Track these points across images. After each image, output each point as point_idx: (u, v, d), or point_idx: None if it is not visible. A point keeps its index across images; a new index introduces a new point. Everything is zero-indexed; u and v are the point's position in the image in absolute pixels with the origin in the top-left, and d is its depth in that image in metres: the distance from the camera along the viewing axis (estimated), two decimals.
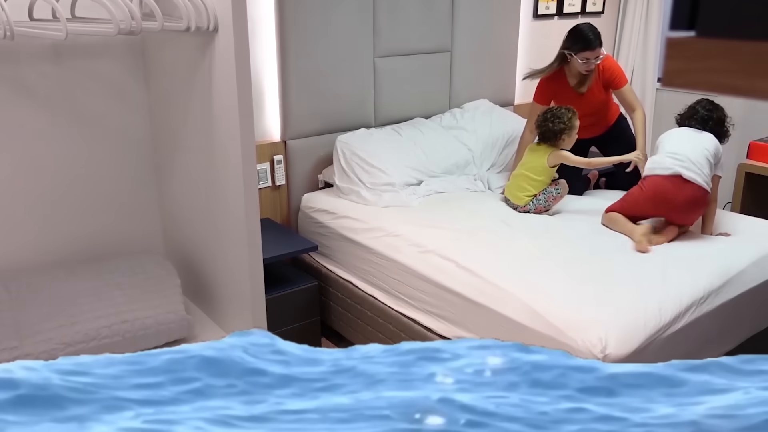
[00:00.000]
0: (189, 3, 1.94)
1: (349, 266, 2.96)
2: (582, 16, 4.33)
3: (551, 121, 2.96)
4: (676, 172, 2.61)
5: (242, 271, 2.18)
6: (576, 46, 3.14)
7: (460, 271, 2.47)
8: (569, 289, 2.26)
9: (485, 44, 3.78)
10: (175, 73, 2.32)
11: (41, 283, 2.16)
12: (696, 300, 2.26)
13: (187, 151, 2.36)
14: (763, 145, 3.72)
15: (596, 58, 3.14)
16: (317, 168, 3.29)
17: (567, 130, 2.95)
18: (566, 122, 2.94)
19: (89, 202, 2.49)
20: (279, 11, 3.02)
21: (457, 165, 3.33)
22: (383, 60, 3.39)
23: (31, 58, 2.26)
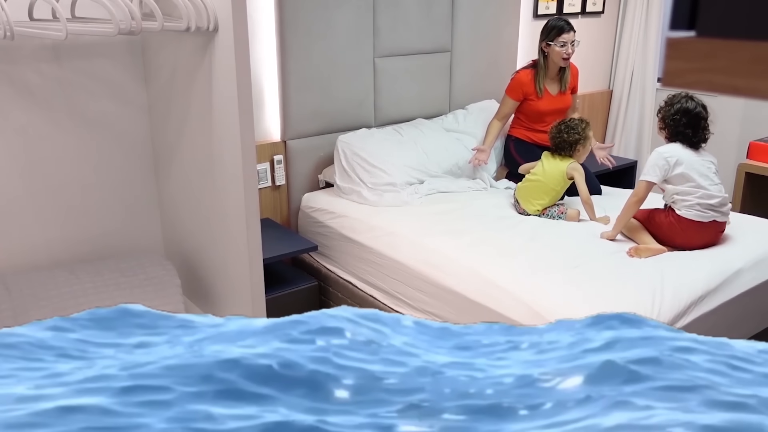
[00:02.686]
0: (189, 3, 1.94)
1: (349, 266, 2.96)
2: (582, 16, 4.33)
3: (566, 132, 2.97)
4: (713, 219, 2.57)
5: (242, 271, 2.18)
6: (551, 33, 3.27)
7: (460, 271, 2.47)
8: (569, 289, 2.26)
9: (485, 44, 3.78)
10: (175, 73, 2.32)
11: (41, 283, 2.16)
12: (695, 300, 2.26)
13: (187, 151, 2.36)
14: (763, 145, 3.72)
15: (572, 42, 3.25)
16: (317, 168, 3.29)
17: (582, 141, 2.97)
18: (581, 132, 2.97)
19: (89, 202, 2.49)
20: (279, 11, 3.02)
21: (458, 165, 3.34)
22: (383, 60, 3.39)
23: (31, 58, 2.26)
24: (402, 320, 0.68)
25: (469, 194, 3.21)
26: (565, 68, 3.36)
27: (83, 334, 0.65)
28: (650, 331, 0.65)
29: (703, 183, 2.56)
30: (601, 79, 4.62)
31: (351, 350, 0.60)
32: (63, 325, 0.66)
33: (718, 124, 4.24)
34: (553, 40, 3.25)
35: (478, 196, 3.21)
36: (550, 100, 3.37)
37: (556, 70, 3.35)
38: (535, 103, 3.35)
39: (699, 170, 2.57)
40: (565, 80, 3.38)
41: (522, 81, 3.35)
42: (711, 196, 2.55)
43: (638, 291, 2.24)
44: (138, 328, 0.66)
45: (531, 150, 3.37)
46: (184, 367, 0.57)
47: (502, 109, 3.41)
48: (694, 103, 2.62)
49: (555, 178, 2.97)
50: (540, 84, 3.33)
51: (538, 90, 3.33)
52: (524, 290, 2.28)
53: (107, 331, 0.66)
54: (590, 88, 4.53)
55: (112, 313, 0.68)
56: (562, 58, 3.27)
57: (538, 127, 3.40)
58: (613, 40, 4.56)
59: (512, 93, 3.37)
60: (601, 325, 0.67)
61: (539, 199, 2.97)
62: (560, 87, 3.39)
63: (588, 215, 2.90)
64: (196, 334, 0.65)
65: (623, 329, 0.66)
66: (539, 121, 3.39)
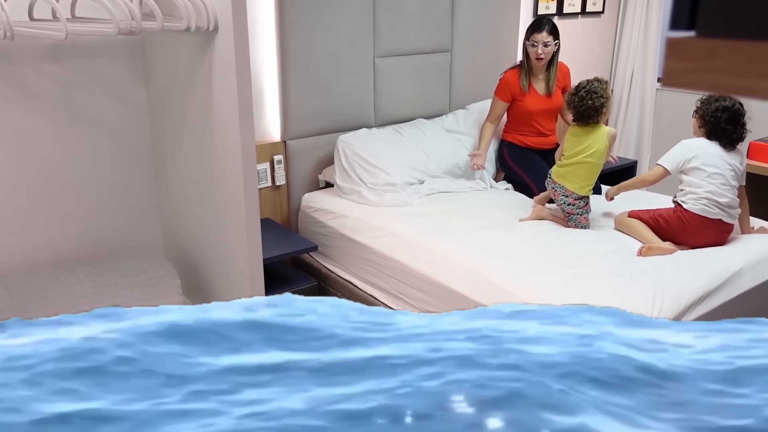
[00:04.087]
0: (189, 3, 1.94)
1: (349, 266, 2.96)
2: (582, 16, 4.33)
3: (589, 98, 2.75)
4: (719, 217, 2.58)
5: (242, 271, 2.18)
6: (527, 31, 3.29)
7: (460, 270, 2.47)
8: (570, 288, 2.26)
9: (485, 44, 3.78)
10: (175, 73, 2.32)
11: (41, 283, 2.16)
12: (695, 300, 2.26)
13: (186, 151, 2.36)
14: (763, 145, 3.72)
15: (545, 44, 3.22)
16: (317, 168, 3.29)
17: (606, 101, 2.77)
18: (603, 93, 2.76)
19: (89, 202, 2.49)
20: (279, 11, 3.02)
21: (458, 166, 3.34)
22: (383, 60, 3.39)
23: (31, 58, 2.26)
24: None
25: (469, 194, 3.21)
26: (551, 67, 3.33)
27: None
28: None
29: (715, 181, 2.57)
30: None
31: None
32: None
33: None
34: (528, 38, 3.27)
35: (479, 196, 3.21)
36: (538, 100, 3.34)
37: (539, 68, 3.33)
38: (522, 103, 3.32)
39: (718, 168, 2.58)
40: (551, 79, 3.35)
41: (508, 81, 3.33)
42: (720, 194, 2.56)
43: (638, 291, 2.24)
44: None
45: (525, 155, 3.35)
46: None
47: (492, 111, 3.39)
48: (732, 101, 2.66)
49: (601, 151, 2.77)
50: (524, 82, 3.31)
51: (522, 87, 3.31)
52: (524, 290, 2.28)
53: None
54: None
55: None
56: (535, 58, 3.25)
57: (529, 130, 3.37)
58: (613, 40, 4.56)
59: (500, 94, 3.36)
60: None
61: (586, 180, 2.79)
62: (547, 87, 3.36)
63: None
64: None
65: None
66: (529, 123, 3.36)
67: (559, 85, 3.40)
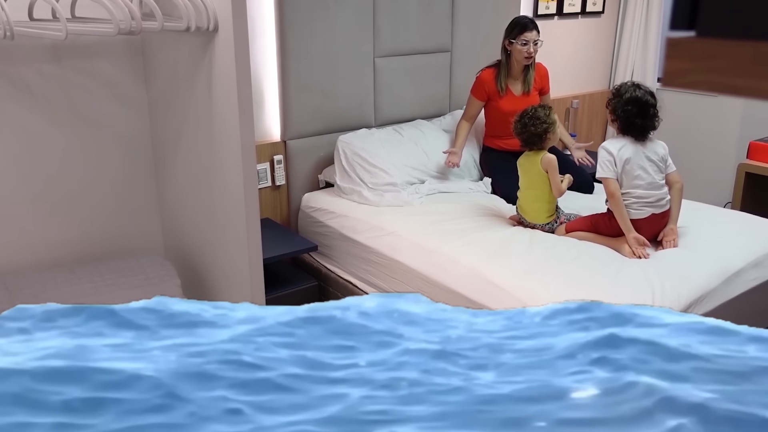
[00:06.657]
0: (189, 3, 1.94)
1: (349, 266, 2.96)
2: (582, 16, 4.33)
3: (531, 125, 2.76)
4: (650, 213, 2.58)
5: (242, 271, 2.18)
6: (514, 31, 3.24)
7: (460, 271, 2.47)
8: (569, 288, 2.26)
9: (485, 44, 3.78)
10: (175, 73, 2.32)
11: (41, 283, 2.16)
12: (695, 300, 2.26)
13: (186, 151, 2.36)
14: (763, 145, 3.72)
15: (535, 42, 3.21)
16: (317, 168, 3.29)
17: (549, 127, 2.77)
18: (546, 119, 2.76)
19: (89, 202, 2.49)
20: (279, 11, 3.02)
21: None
22: (383, 60, 3.39)
23: (31, 58, 2.26)
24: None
25: (469, 195, 3.21)
26: (529, 68, 3.32)
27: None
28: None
29: (640, 182, 2.57)
30: (601, 79, 4.62)
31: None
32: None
33: (718, 124, 4.26)
34: (516, 38, 3.22)
35: (479, 196, 3.21)
36: (514, 101, 3.28)
37: (520, 69, 3.30)
38: (497, 103, 3.29)
39: (640, 164, 2.57)
40: (528, 80, 3.32)
41: (484, 80, 3.31)
42: (647, 195, 2.57)
43: (638, 291, 2.24)
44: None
45: (503, 158, 3.26)
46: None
47: (468, 109, 3.37)
48: (642, 91, 2.58)
49: (536, 179, 2.76)
50: (502, 82, 3.28)
51: (499, 88, 3.28)
52: (524, 290, 2.28)
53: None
54: (590, 88, 4.53)
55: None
56: (524, 56, 3.23)
57: (505, 133, 3.20)
58: (613, 40, 4.56)
59: (476, 92, 3.34)
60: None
61: (541, 209, 2.79)
62: (524, 87, 3.33)
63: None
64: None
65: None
66: (504, 125, 3.17)
67: (536, 86, 3.37)
